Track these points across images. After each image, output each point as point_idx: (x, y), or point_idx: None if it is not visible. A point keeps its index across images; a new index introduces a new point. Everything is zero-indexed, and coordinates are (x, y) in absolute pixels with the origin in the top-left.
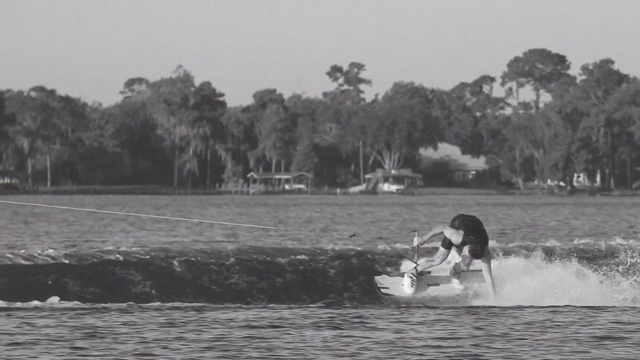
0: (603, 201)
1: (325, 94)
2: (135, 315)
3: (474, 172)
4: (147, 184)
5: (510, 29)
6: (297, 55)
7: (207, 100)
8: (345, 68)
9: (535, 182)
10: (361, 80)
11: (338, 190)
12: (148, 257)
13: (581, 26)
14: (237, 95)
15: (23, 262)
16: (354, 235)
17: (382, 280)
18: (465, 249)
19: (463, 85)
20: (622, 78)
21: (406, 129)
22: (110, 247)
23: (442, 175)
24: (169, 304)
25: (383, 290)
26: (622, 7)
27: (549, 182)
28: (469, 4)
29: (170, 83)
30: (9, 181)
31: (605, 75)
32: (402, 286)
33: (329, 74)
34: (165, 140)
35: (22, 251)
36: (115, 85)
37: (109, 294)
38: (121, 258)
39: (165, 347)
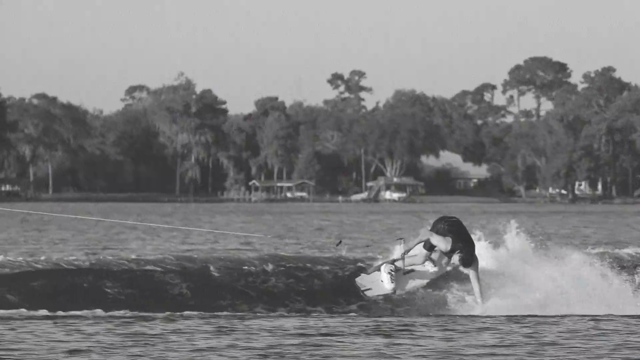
0: (606, 209)
1: (326, 102)
2: (181, 323)
3: (475, 180)
4: (148, 191)
5: (511, 37)
6: (298, 63)
7: (209, 108)
8: (346, 76)
9: (537, 190)
10: (362, 88)
11: (340, 198)
12: (177, 263)
13: (582, 34)
14: (239, 103)
15: (60, 268)
16: (340, 242)
17: (362, 281)
18: (455, 257)
19: (464, 93)
20: (623, 86)
21: (408, 137)
22: (133, 255)
23: (443, 183)
24: (210, 312)
25: (367, 293)
26: (623, 15)
27: (550, 190)
28: (470, 12)
29: (171, 90)
30: (10, 188)
31: (606, 83)
32: (381, 282)
33: (330, 81)
34: (167, 147)
35: (55, 258)
36: (116, 92)
37: (150, 302)
38: (146, 265)
39: (220, 355)
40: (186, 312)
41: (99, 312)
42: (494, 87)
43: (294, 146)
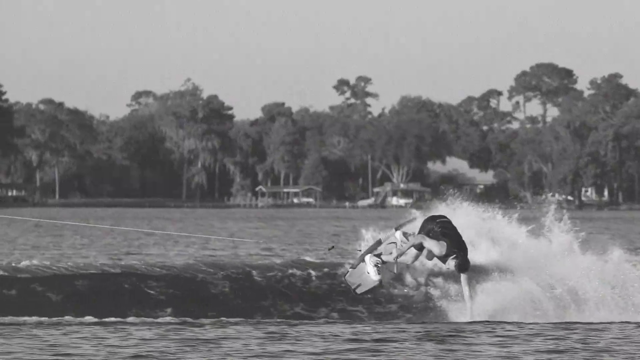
0: (614, 215)
1: (332, 108)
2: (231, 328)
3: (482, 186)
4: (155, 196)
5: (517, 43)
6: (304, 69)
7: (216, 114)
8: (352, 82)
9: (544, 196)
10: (368, 94)
11: (347, 203)
12: (208, 269)
13: (588, 41)
14: (246, 109)
15: (103, 272)
16: (333, 247)
17: (351, 278)
18: (450, 262)
19: (470, 99)
20: (630, 92)
21: (414, 142)
22: (160, 261)
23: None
24: (254, 315)
25: (357, 290)
26: (629, 21)
27: (556, 196)
28: (476, 18)
29: (178, 96)
30: (17, 194)
31: (613, 89)
32: (368, 274)
33: (336, 87)
34: (174, 153)
35: (92, 263)
36: (122, 98)
37: (193, 307)
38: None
39: None
40: (233, 319)
41: (144, 317)
42: (499, 93)
43: (301, 152)
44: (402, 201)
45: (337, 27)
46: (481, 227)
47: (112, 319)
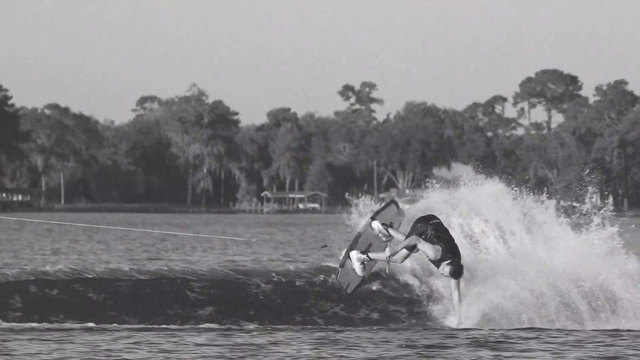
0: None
1: (337, 113)
2: (280, 334)
3: None
4: (160, 202)
5: (522, 50)
6: (309, 74)
7: (221, 119)
8: (357, 87)
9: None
10: (373, 100)
11: (353, 209)
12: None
13: (593, 47)
14: (251, 114)
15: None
16: (325, 246)
17: (341, 278)
18: (445, 268)
19: (475, 105)
20: (635, 99)
21: (420, 148)
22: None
23: None
24: (299, 320)
25: (348, 290)
26: (634, 28)
27: (561, 202)
28: (481, 24)
29: (184, 101)
30: (22, 198)
31: (619, 96)
32: (354, 271)
33: (341, 93)
34: (179, 158)
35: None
36: (127, 103)
37: (238, 312)
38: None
39: None
40: (280, 325)
41: (191, 324)
42: (504, 100)
43: (306, 157)
44: (407, 207)
45: (342, 32)
46: (532, 219)
47: (162, 326)
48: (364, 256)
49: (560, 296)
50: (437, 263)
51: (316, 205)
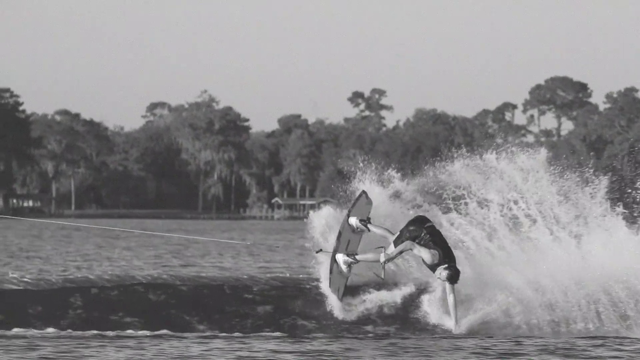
0: None
1: (346, 120)
2: (347, 342)
3: None
4: (171, 208)
5: (531, 57)
6: (319, 81)
7: (232, 125)
8: (367, 94)
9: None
10: (382, 106)
11: None
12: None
13: (602, 54)
14: (262, 121)
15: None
16: (320, 251)
17: (333, 286)
18: (442, 273)
19: (485, 112)
20: None
21: (430, 155)
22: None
23: None
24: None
25: (339, 297)
26: None
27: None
28: (490, 31)
29: (194, 107)
30: (33, 204)
31: (629, 103)
32: (340, 274)
33: (350, 99)
34: (190, 164)
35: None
36: (137, 109)
37: (298, 320)
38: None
39: None
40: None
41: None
42: (514, 107)
43: (317, 164)
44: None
45: (351, 39)
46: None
47: (234, 334)
48: (351, 259)
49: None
50: (433, 267)
51: None
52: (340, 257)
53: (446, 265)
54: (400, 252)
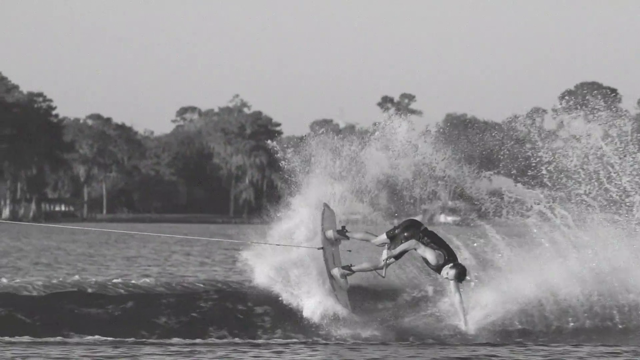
0: None
1: (376, 124)
2: (385, 348)
3: None
4: (202, 212)
5: (562, 62)
6: (348, 85)
7: (264, 130)
8: (396, 99)
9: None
10: (412, 111)
11: (395, 221)
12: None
13: (633, 60)
14: (293, 125)
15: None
16: (322, 248)
17: (341, 301)
18: (449, 272)
19: (515, 117)
20: None
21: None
22: None
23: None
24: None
25: (349, 308)
26: None
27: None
28: (521, 37)
29: (226, 112)
30: (65, 209)
31: None
32: (340, 288)
33: (380, 104)
34: (222, 169)
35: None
36: (167, 113)
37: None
38: None
39: None
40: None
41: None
42: (544, 111)
43: None
44: (449, 218)
45: (381, 44)
46: None
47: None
48: (347, 271)
49: None
50: (439, 268)
51: (357, 216)
52: (337, 272)
53: (452, 264)
54: (404, 251)
